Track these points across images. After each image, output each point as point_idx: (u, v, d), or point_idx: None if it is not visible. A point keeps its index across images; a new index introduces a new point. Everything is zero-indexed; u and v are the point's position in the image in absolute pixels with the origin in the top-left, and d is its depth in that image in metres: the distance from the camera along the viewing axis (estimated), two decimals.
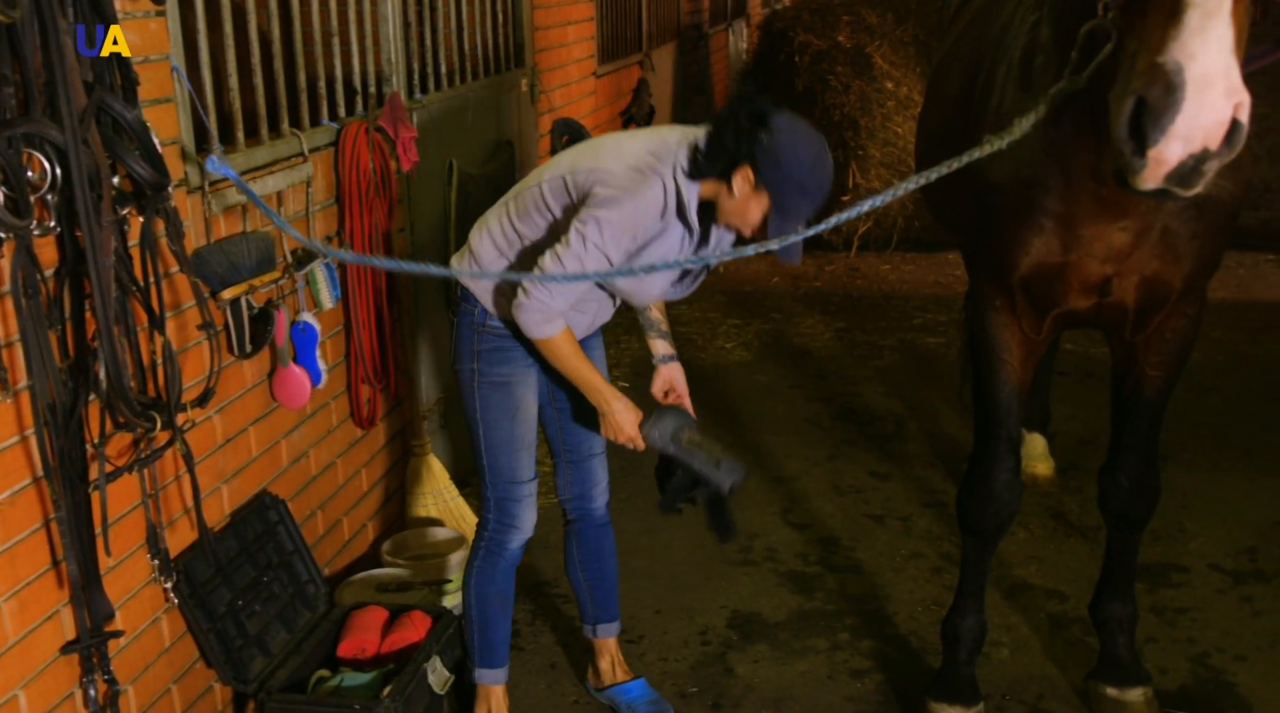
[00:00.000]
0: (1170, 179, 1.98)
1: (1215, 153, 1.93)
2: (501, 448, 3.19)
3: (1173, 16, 1.91)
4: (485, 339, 3.10)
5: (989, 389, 3.19)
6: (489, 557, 3.28)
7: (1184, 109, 1.88)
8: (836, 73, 8.38)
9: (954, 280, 7.90)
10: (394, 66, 4.13)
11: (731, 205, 2.87)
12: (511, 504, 3.25)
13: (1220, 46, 1.88)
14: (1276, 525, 4.53)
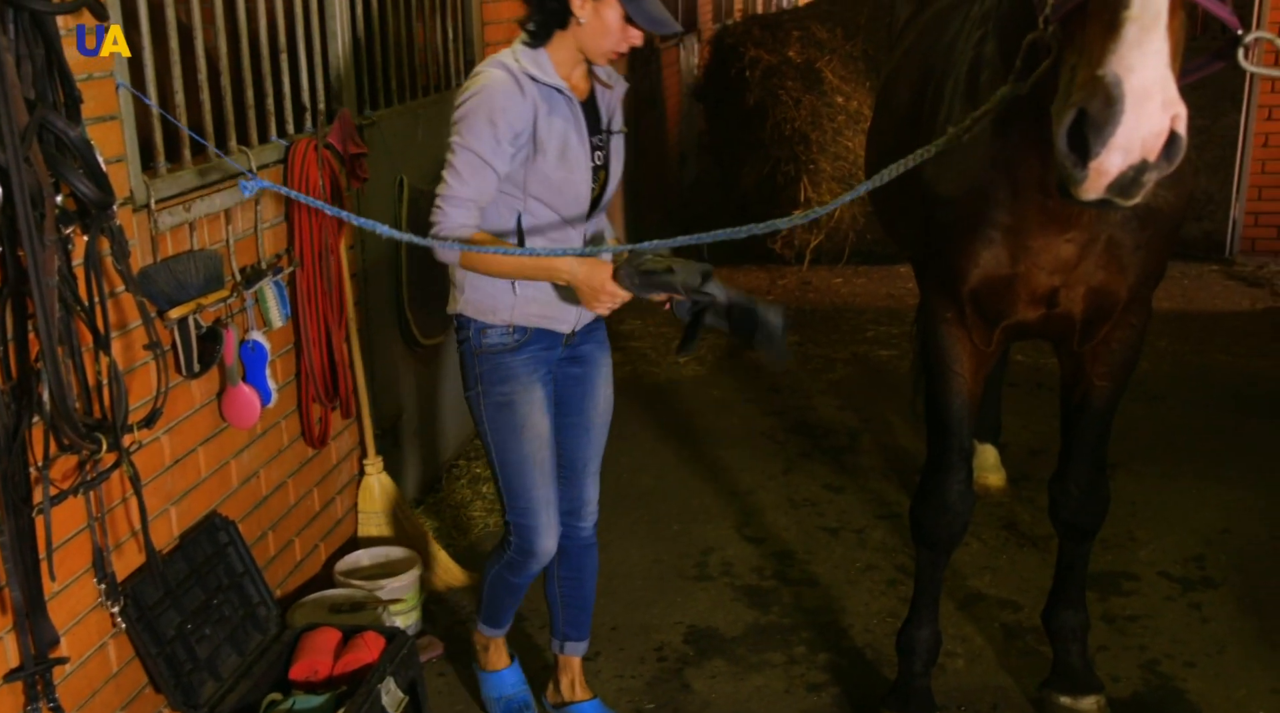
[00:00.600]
0: (1111, 190, 2.01)
1: (1154, 164, 1.96)
2: (514, 469, 3.16)
3: (1111, 30, 1.95)
4: (484, 360, 3.11)
5: (940, 401, 3.21)
6: (510, 569, 3.30)
7: (1123, 121, 1.91)
8: (787, 87, 8.44)
9: (906, 293, 7.97)
10: (343, 83, 4.12)
11: (590, 32, 2.88)
12: (529, 531, 3.20)
13: (1157, 60, 1.92)
14: (1224, 533, 4.59)
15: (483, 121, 2.86)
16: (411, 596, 3.89)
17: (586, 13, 2.86)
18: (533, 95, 2.90)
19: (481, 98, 2.87)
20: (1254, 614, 4.02)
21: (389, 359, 4.53)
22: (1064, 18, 2.09)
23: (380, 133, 4.36)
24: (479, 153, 2.87)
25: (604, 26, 2.87)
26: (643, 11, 2.85)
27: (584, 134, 3.01)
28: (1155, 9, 1.94)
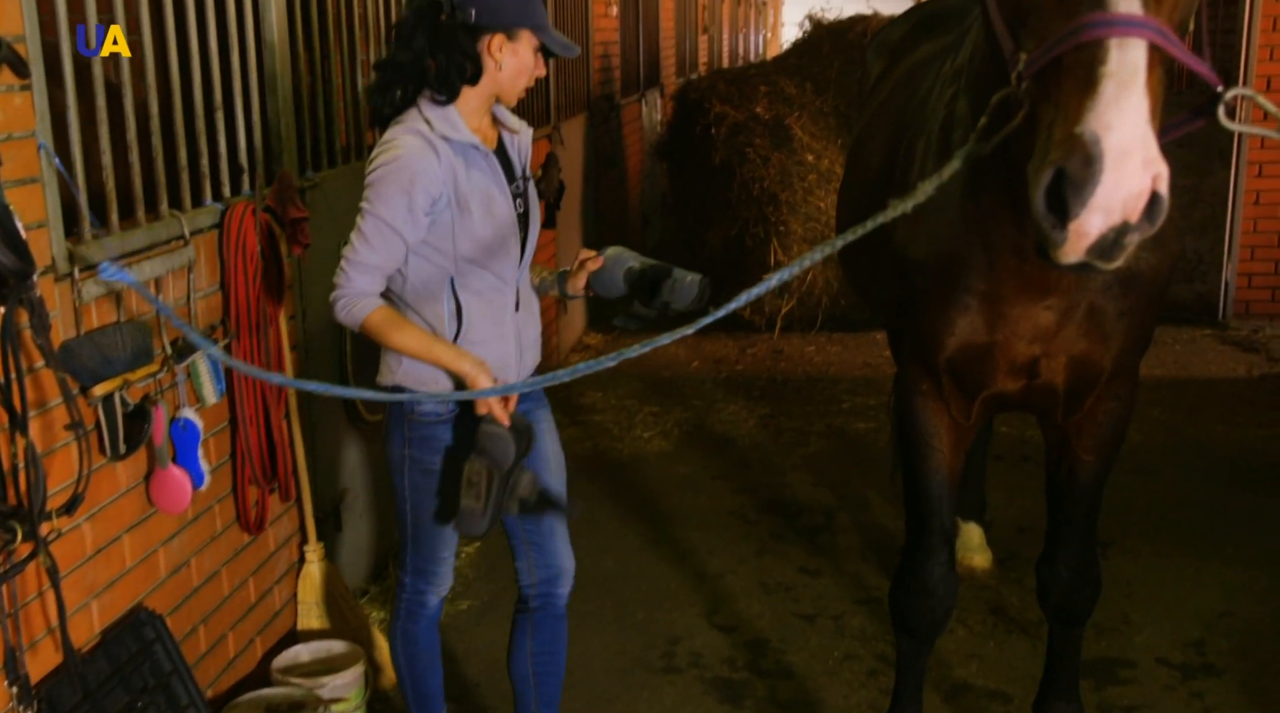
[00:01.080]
0: (1092, 252, 2.05)
1: (1136, 225, 2.00)
2: (426, 529, 3.33)
3: (1089, 87, 1.99)
4: (415, 427, 3.21)
5: (919, 479, 3.23)
6: (410, 617, 3.43)
7: (1103, 180, 1.95)
8: (755, 145, 8.56)
9: (883, 361, 8.03)
10: (284, 143, 4.14)
11: (510, 71, 3.04)
12: (432, 573, 3.41)
13: (1137, 117, 1.96)
14: (1224, 615, 4.62)
15: (396, 190, 2.97)
16: (355, 694, 3.84)
17: (504, 55, 3.02)
18: (448, 157, 3.01)
19: (396, 166, 2.97)
20: (1259, 704, 4.03)
21: (332, 437, 4.51)
22: (1038, 74, 2.14)
23: (323, 195, 4.38)
24: (390, 222, 2.99)
25: (521, 65, 3.05)
26: (553, 39, 3.06)
27: (503, 185, 3.14)
28: (1134, 65, 1.99)
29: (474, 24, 2.97)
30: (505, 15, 2.99)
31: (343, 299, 3.06)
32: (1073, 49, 2.05)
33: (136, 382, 3.15)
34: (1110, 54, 2.00)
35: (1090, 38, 2.02)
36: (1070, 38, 2.05)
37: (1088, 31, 2.02)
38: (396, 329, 3.06)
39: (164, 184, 3.49)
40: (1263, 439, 6.49)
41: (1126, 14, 2.02)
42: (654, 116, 12.43)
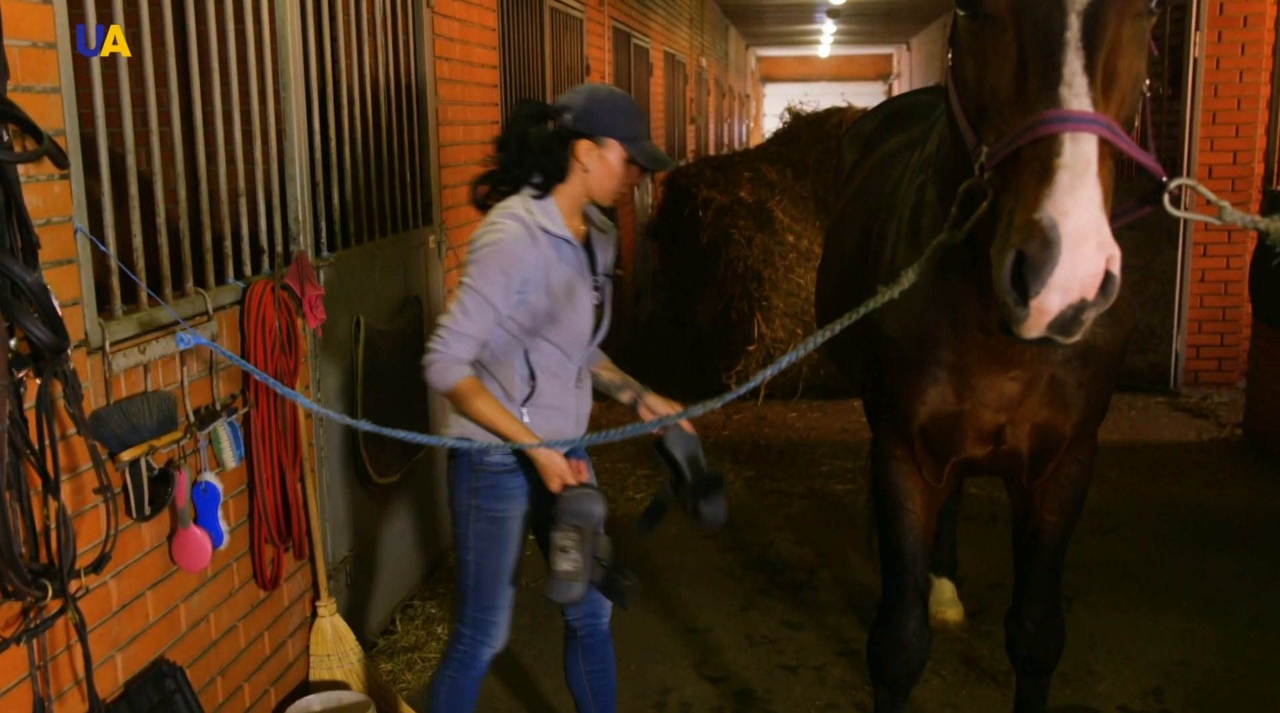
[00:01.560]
0: (1052, 328, 2.08)
1: (1093, 302, 2.03)
2: (489, 578, 3.34)
3: (1045, 177, 2.04)
4: (482, 477, 3.27)
5: (893, 538, 3.23)
6: (462, 668, 3.40)
7: (1061, 262, 1.98)
8: (739, 226, 8.63)
9: (860, 427, 8.03)
10: (301, 225, 4.17)
11: (598, 177, 3.17)
12: (490, 624, 3.38)
13: (1090, 204, 2.00)
14: (1180, 665, 4.59)
15: (496, 269, 3.08)
16: None
17: (593, 160, 3.15)
18: (544, 245, 3.14)
19: (498, 247, 3.09)
20: None
21: (343, 499, 4.50)
22: (999, 165, 2.18)
23: (337, 273, 4.40)
24: (488, 297, 3.09)
25: (609, 170, 3.16)
26: (643, 151, 3.17)
27: (586, 277, 3.26)
28: (1086, 157, 2.04)
29: (568, 129, 3.12)
30: (595, 124, 3.12)
31: (439, 363, 3.12)
32: (1030, 143, 2.09)
33: (161, 448, 3.14)
34: (1065, 147, 2.04)
35: (1046, 133, 2.06)
36: (1028, 132, 2.10)
37: (1044, 127, 2.07)
38: (480, 398, 3.14)
39: (189, 264, 3.51)
40: (1214, 499, 6.48)
41: (1079, 111, 2.07)
42: (645, 200, 12.53)
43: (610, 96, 3.21)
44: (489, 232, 3.12)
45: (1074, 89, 2.08)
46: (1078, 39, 2.10)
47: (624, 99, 3.22)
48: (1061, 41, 2.10)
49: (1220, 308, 8.85)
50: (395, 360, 4.87)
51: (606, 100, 3.17)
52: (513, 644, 4.85)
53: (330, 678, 4.17)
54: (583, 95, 3.18)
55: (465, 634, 3.39)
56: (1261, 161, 7.77)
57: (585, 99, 3.16)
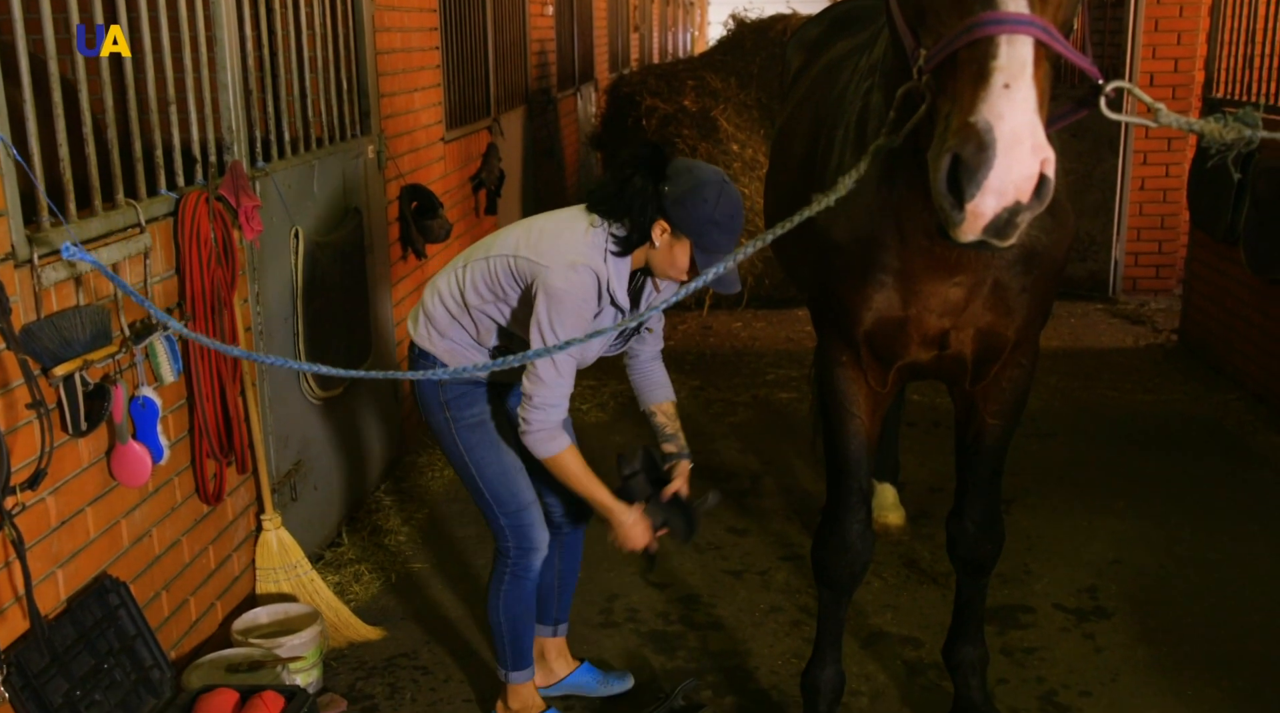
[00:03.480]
0: (988, 231, 2.08)
1: (1027, 205, 2.03)
2: (498, 479, 3.39)
3: (981, 80, 2.02)
4: (450, 388, 3.35)
5: (838, 443, 3.25)
6: (515, 581, 3.48)
7: (995, 165, 1.98)
8: (683, 135, 8.55)
9: (804, 336, 8.07)
10: (235, 135, 4.06)
11: (659, 257, 3.20)
12: (526, 528, 3.43)
13: (1025, 107, 1.99)
14: (1114, 564, 4.71)
15: (574, 316, 3.13)
16: (312, 653, 3.80)
17: (663, 242, 3.17)
18: (603, 304, 3.23)
19: (577, 297, 3.13)
20: (1145, 642, 4.12)
21: (286, 412, 4.45)
22: (936, 68, 2.16)
23: (274, 185, 4.31)
24: (566, 357, 3.14)
25: (671, 259, 3.19)
26: (710, 263, 3.09)
27: (610, 341, 3.37)
28: (1022, 59, 2.02)
29: (661, 203, 3.12)
30: (679, 217, 3.11)
31: (540, 434, 3.18)
32: (966, 45, 2.07)
33: (96, 362, 3.07)
34: (1000, 49, 2.03)
35: (981, 35, 2.05)
36: (964, 35, 2.08)
37: (979, 29, 2.05)
38: (583, 472, 3.26)
39: (119, 175, 3.41)
40: (1149, 403, 6.61)
41: (1015, 13, 2.05)
42: (589, 109, 12.37)
43: (713, 199, 3.10)
44: (568, 278, 3.11)
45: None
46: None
47: (725, 213, 3.11)
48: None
49: (1159, 216, 8.94)
50: (336, 272, 4.79)
51: (706, 202, 3.09)
52: (464, 554, 4.87)
53: (277, 591, 4.16)
54: (686, 185, 3.11)
55: (509, 548, 3.44)
56: (1202, 69, 7.79)
57: (691, 187, 3.10)
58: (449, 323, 3.37)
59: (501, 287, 3.26)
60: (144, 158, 3.55)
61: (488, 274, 3.28)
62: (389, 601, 4.50)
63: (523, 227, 3.35)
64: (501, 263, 3.25)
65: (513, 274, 3.23)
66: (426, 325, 3.40)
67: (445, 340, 3.37)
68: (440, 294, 3.39)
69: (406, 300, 5.94)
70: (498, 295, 3.28)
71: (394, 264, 5.73)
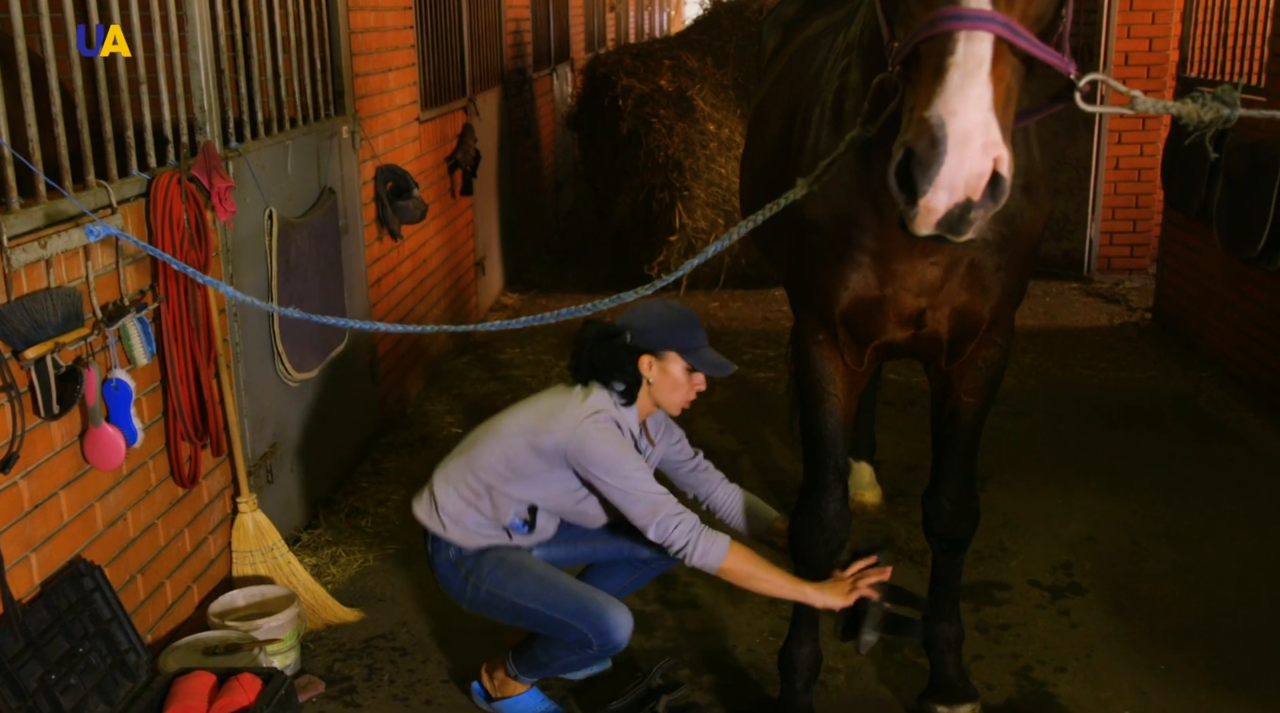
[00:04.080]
0: (940, 226, 2.10)
1: (979, 203, 2.04)
2: (542, 594, 3.39)
3: (937, 75, 2.03)
4: (466, 563, 3.45)
5: (815, 421, 3.26)
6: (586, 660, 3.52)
7: (946, 161, 1.99)
8: (660, 115, 8.52)
9: (781, 316, 8.09)
10: (207, 114, 4.02)
11: (663, 387, 3.37)
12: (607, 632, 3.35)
13: (979, 104, 2.00)
14: (1089, 540, 4.74)
15: (628, 452, 3.29)
16: (289, 635, 3.79)
17: (654, 373, 3.35)
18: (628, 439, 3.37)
19: (616, 438, 3.30)
20: (1119, 618, 4.15)
21: (262, 394, 4.43)
22: (904, 61, 2.16)
23: (248, 165, 4.27)
24: (644, 471, 3.28)
25: (672, 381, 3.36)
26: (702, 359, 3.35)
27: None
28: (979, 56, 2.03)
29: (631, 347, 3.33)
30: (652, 339, 3.33)
31: (690, 540, 3.21)
32: (926, 39, 2.08)
33: (68, 345, 3.05)
34: (958, 45, 2.04)
35: (941, 30, 2.06)
36: (925, 29, 2.09)
37: (940, 24, 2.06)
38: (759, 568, 3.25)
39: (90, 156, 3.37)
40: (1123, 381, 6.65)
41: (975, 9, 2.06)
42: (565, 89, 12.32)
43: (665, 311, 3.38)
44: (598, 432, 3.27)
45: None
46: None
47: (679, 313, 3.39)
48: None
49: (1134, 195, 8.98)
50: (311, 253, 4.76)
51: (662, 316, 3.36)
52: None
53: (254, 574, 4.15)
54: (640, 314, 3.36)
55: (593, 643, 3.38)
56: (1176, 48, 7.82)
57: (642, 317, 3.35)
58: (463, 508, 3.44)
59: (524, 464, 3.37)
60: (115, 138, 3.51)
61: (508, 454, 3.39)
62: (366, 582, 4.50)
63: (527, 407, 3.48)
64: (520, 442, 3.36)
65: (535, 451, 3.34)
66: (436, 512, 3.48)
67: (459, 526, 3.44)
68: (451, 480, 3.47)
69: (383, 280, 5.92)
70: (519, 473, 3.38)
71: (369, 245, 5.70)
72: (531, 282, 9.47)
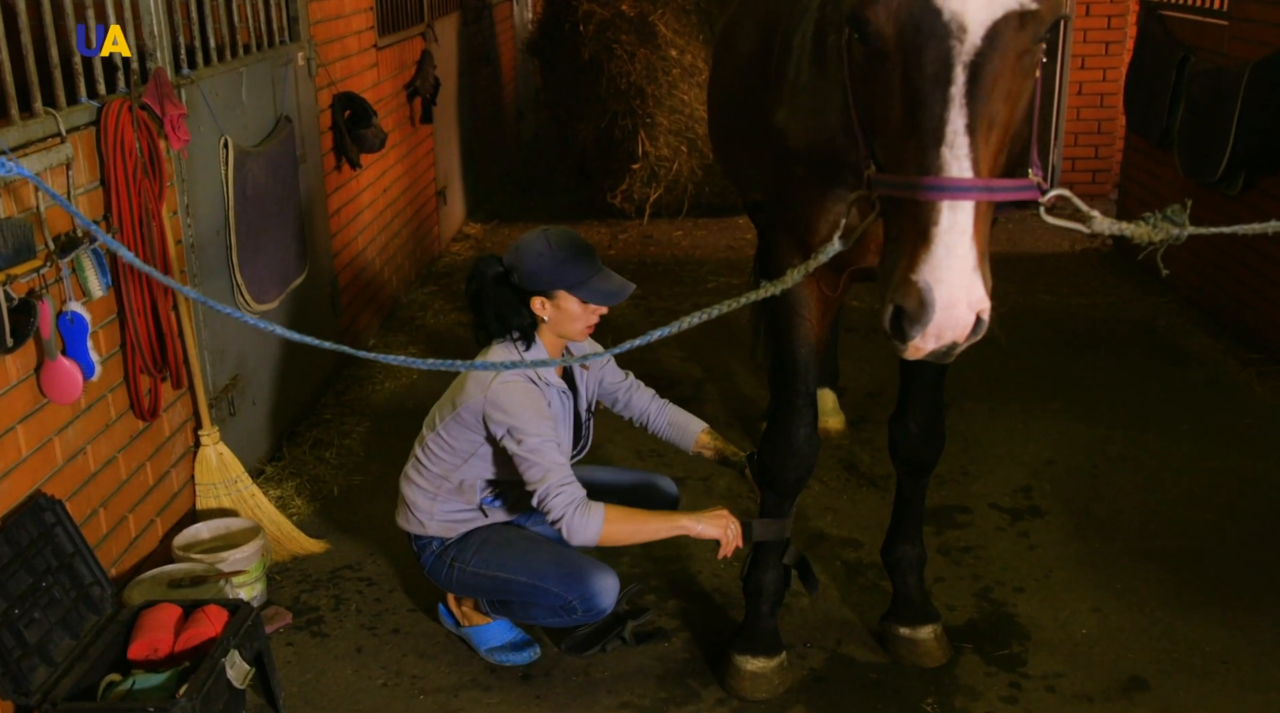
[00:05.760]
0: (927, 357, 2.22)
1: (963, 342, 2.16)
2: (530, 566, 3.40)
3: (923, 241, 2.08)
4: (450, 552, 3.49)
5: (788, 347, 3.24)
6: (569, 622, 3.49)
7: (934, 320, 2.10)
8: (621, 41, 8.41)
9: (745, 244, 8.07)
10: (157, 41, 3.93)
11: (558, 324, 3.35)
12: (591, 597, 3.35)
13: (963, 268, 2.08)
14: (1048, 464, 4.80)
15: (532, 411, 3.25)
16: (255, 567, 3.79)
17: (548, 312, 3.33)
18: (544, 385, 3.35)
19: (520, 397, 3.26)
20: (1077, 539, 4.22)
21: (221, 327, 4.38)
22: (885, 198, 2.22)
23: (201, 93, 4.18)
24: (546, 436, 3.24)
25: (568, 316, 3.33)
26: (593, 290, 3.30)
27: (569, 422, 3.47)
28: (961, 226, 2.07)
29: (521, 287, 3.31)
30: (539, 281, 3.28)
31: (568, 513, 3.18)
32: (912, 201, 2.11)
33: (20, 277, 2.99)
34: (942, 217, 2.07)
35: (924, 198, 2.08)
36: (909, 189, 2.12)
37: (923, 193, 2.09)
38: (636, 520, 3.26)
39: (37, 83, 3.28)
40: (1083, 307, 6.70)
41: (957, 179, 2.07)
42: (525, 15, 12.13)
43: (546, 248, 3.28)
44: (506, 390, 3.26)
45: (955, 151, 2.07)
46: (962, 94, 2.06)
47: (563, 247, 3.29)
48: (945, 98, 2.07)
49: (1096, 120, 8.98)
50: (268, 183, 4.69)
51: (544, 254, 3.27)
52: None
53: (218, 506, 4.13)
54: (522, 254, 3.30)
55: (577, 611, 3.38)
56: None
57: (525, 258, 3.29)
58: (432, 503, 3.48)
59: (462, 443, 3.39)
60: (62, 65, 3.42)
61: (445, 439, 3.41)
62: (332, 514, 4.50)
63: (449, 390, 3.50)
64: (451, 422, 3.38)
65: (462, 425, 3.36)
66: (411, 514, 3.53)
67: (435, 520, 3.48)
68: (412, 480, 3.52)
69: (343, 211, 5.84)
70: (462, 454, 3.41)
71: (328, 174, 5.62)
72: (494, 211, 9.39)
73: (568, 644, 3.61)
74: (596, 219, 8.91)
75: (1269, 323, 5.76)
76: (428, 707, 3.40)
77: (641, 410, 3.75)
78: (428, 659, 3.61)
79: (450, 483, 3.47)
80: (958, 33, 2.05)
